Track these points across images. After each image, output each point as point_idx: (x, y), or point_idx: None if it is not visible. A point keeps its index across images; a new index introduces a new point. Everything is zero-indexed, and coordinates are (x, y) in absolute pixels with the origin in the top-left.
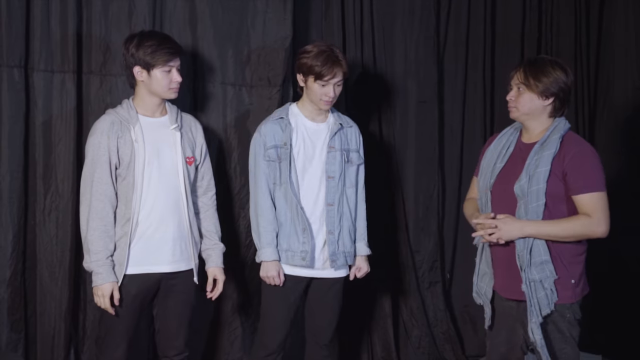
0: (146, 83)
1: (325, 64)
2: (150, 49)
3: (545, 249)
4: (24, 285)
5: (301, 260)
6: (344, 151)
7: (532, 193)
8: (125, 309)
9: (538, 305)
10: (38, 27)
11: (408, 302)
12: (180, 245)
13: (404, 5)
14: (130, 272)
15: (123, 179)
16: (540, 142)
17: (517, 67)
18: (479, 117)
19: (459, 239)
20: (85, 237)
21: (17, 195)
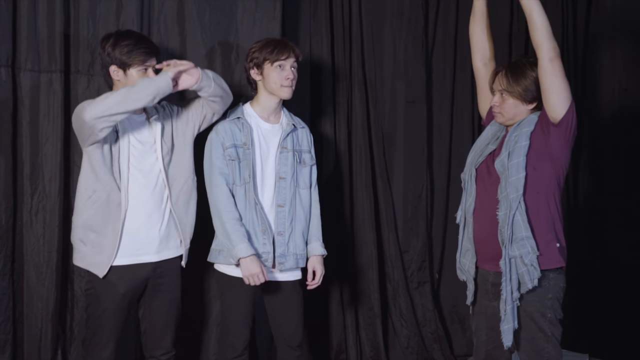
0: (122, 82)
1: (277, 46)
2: (127, 49)
3: (526, 225)
4: (12, 286)
5: (263, 261)
6: (296, 152)
7: (512, 167)
8: (113, 307)
9: (517, 281)
10: (25, 26)
11: (397, 302)
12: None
13: (393, 6)
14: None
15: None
16: (519, 121)
17: (497, 72)
18: (467, 117)
19: (448, 239)
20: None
21: (4, 196)
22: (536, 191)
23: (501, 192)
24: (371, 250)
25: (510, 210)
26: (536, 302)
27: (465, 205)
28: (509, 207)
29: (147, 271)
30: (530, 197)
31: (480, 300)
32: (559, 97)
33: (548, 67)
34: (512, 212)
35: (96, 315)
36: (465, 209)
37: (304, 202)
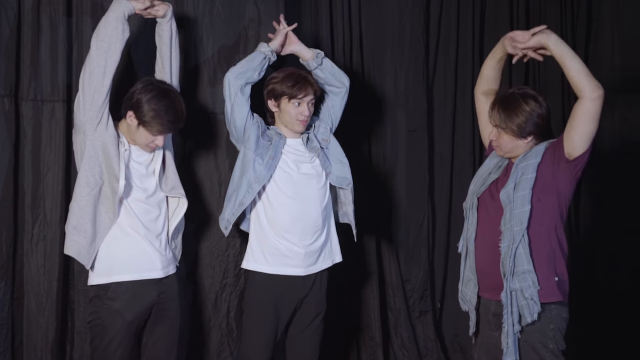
0: (131, 127)
1: (297, 83)
2: (153, 113)
3: (528, 258)
4: (11, 316)
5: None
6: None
7: (517, 199)
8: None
9: (518, 314)
10: (28, 56)
11: (399, 332)
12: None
13: (393, 35)
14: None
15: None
16: (525, 152)
17: (492, 106)
18: (468, 146)
19: (449, 268)
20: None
21: (5, 225)
22: (539, 223)
23: (505, 223)
24: (372, 279)
25: (513, 242)
26: (538, 333)
27: (467, 234)
28: (512, 239)
29: (152, 297)
30: (534, 230)
31: (482, 331)
32: (585, 138)
33: (589, 106)
34: (515, 244)
35: (103, 345)
36: (467, 238)
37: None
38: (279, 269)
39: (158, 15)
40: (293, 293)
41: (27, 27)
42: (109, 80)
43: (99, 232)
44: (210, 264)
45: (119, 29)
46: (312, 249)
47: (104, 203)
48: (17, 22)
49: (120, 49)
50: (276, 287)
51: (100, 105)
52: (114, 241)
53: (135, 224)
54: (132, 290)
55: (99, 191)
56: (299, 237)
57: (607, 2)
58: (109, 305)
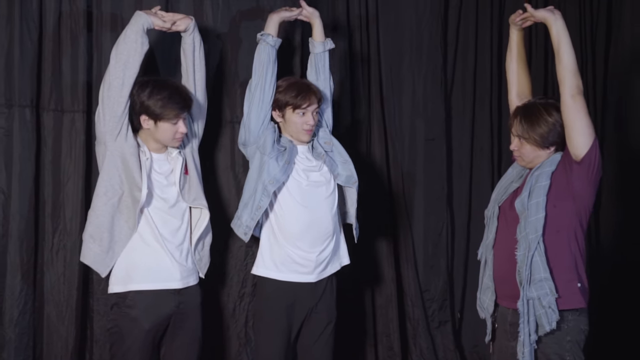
0: (151, 132)
1: (300, 93)
2: (161, 102)
3: (545, 266)
4: (32, 325)
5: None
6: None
7: (531, 206)
8: (138, 345)
9: (535, 323)
10: (49, 67)
11: (417, 342)
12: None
13: (411, 43)
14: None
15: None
16: (542, 162)
17: (513, 116)
18: (486, 154)
19: (469, 278)
20: None
21: (26, 234)
22: (556, 230)
23: (520, 232)
24: (391, 288)
25: (529, 250)
26: (554, 344)
27: (486, 242)
28: (527, 247)
29: (171, 307)
30: (550, 237)
31: (499, 339)
32: (581, 134)
33: (570, 103)
34: (531, 252)
35: (121, 353)
36: (486, 245)
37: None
38: (290, 275)
39: (179, 30)
40: (304, 300)
41: (48, 40)
42: (127, 91)
43: (117, 241)
44: (228, 274)
45: (138, 42)
46: (323, 256)
47: (123, 212)
48: (38, 35)
49: (139, 62)
50: (288, 294)
51: (120, 116)
52: (133, 250)
53: (155, 234)
54: (150, 300)
55: (118, 200)
56: (310, 245)
57: (628, 4)
58: (127, 313)
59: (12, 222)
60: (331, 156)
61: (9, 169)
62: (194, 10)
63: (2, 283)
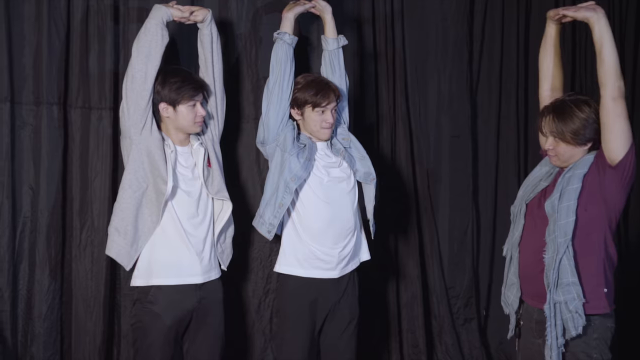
0: (172, 119)
1: (320, 91)
2: (176, 86)
3: (573, 270)
4: (60, 319)
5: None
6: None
7: (562, 209)
8: (160, 341)
9: (562, 327)
10: (77, 65)
11: (443, 339)
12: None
13: (437, 40)
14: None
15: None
16: (574, 163)
17: (544, 114)
18: (512, 151)
19: (495, 275)
20: None
21: (54, 230)
22: (586, 233)
23: (549, 234)
24: (416, 285)
25: (557, 254)
26: (582, 343)
27: (512, 238)
28: (556, 250)
29: (192, 302)
30: (580, 240)
31: (524, 336)
32: (619, 138)
33: (610, 106)
34: (559, 256)
35: (144, 348)
36: (512, 242)
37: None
38: (313, 272)
39: (197, 21)
40: (327, 296)
41: (75, 37)
42: (150, 84)
43: (141, 235)
44: (253, 270)
45: (158, 34)
46: (345, 252)
47: (147, 206)
48: (66, 32)
49: (160, 54)
50: (311, 290)
51: (144, 109)
52: (156, 244)
53: (178, 228)
54: (172, 295)
55: (142, 194)
56: (333, 241)
57: None
58: (149, 308)
59: (40, 217)
60: (349, 152)
61: (37, 166)
62: (219, 7)
63: (32, 278)
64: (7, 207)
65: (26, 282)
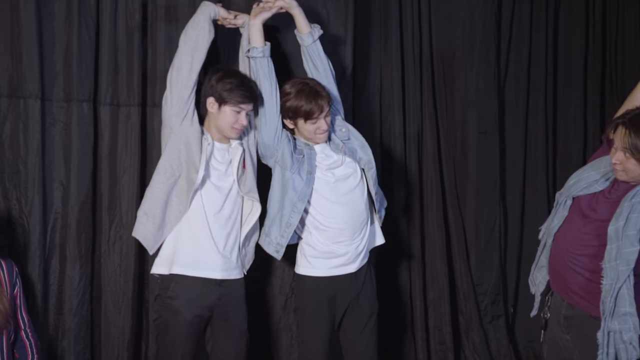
0: (214, 116)
1: (310, 102)
2: (229, 86)
3: (632, 300)
4: (90, 314)
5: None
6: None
7: (627, 238)
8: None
9: (614, 356)
10: (106, 62)
11: (470, 336)
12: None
13: (464, 36)
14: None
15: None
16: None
17: (618, 124)
18: (541, 148)
19: (522, 272)
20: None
21: (84, 226)
22: None
23: (609, 260)
24: (443, 283)
25: (617, 282)
26: None
27: (551, 225)
28: (616, 278)
29: (212, 299)
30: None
31: (551, 329)
32: None
33: None
34: (619, 284)
35: (166, 343)
36: (549, 228)
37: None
38: (332, 270)
39: (238, 25)
40: (345, 292)
41: (105, 35)
42: (195, 76)
43: (168, 222)
44: (280, 267)
45: (206, 29)
46: (362, 244)
47: (177, 194)
48: (96, 30)
49: (206, 48)
50: (328, 287)
51: (186, 100)
52: (181, 234)
53: (204, 222)
54: (191, 290)
55: (174, 182)
56: (351, 237)
57: None
58: (169, 304)
59: (70, 213)
60: (349, 145)
61: (68, 162)
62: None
63: (62, 273)
64: (38, 203)
65: (57, 277)
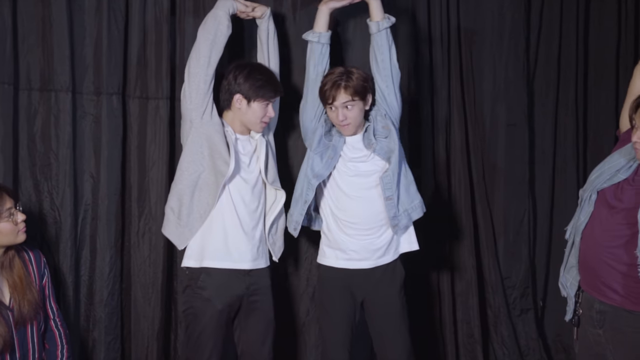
0: (243, 112)
1: (325, 87)
2: (259, 83)
3: None
4: (121, 305)
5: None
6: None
7: None
8: (212, 325)
9: None
10: (135, 55)
11: (498, 329)
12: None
13: (493, 27)
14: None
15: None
16: None
17: (639, 104)
18: (571, 140)
19: (552, 265)
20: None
21: (114, 218)
22: None
23: None
24: (471, 275)
25: None
26: None
27: (577, 222)
28: None
29: (241, 288)
30: None
31: (584, 326)
32: None
33: None
34: None
35: (196, 334)
36: (576, 226)
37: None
38: (344, 262)
39: (256, 16)
40: (359, 286)
41: (133, 28)
42: (212, 70)
43: (196, 217)
44: (308, 258)
45: (224, 24)
46: (378, 243)
47: (204, 189)
48: (125, 24)
49: (223, 43)
50: (341, 278)
51: (205, 94)
52: (211, 227)
53: (233, 214)
54: (221, 280)
55: (199, 177)
56: (363, 233)
57: None
58: (199, 294)
59: (100, 205)
60: (384, 143)
61: (98, 155)
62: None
63: (93, 264)
64: (69, 195)
65: (88, 268)
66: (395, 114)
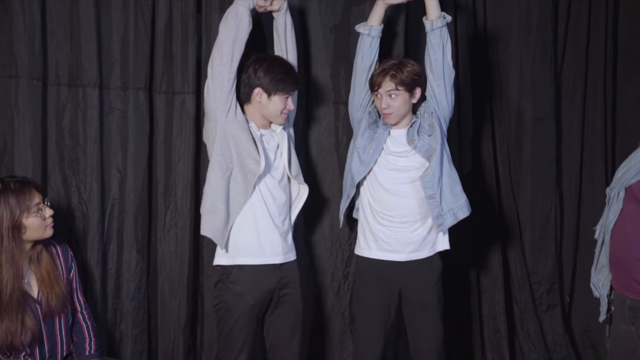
0: (263, 105)
1: (376, 72)
2: (279, 76)
3: None
4: (147, 299)
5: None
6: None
7: None
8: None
9: None
10: (161, 50)
11: (524, 325)
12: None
13: (520, 20)
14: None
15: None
16: None
17: None
18: (599, 134)
19: (579, 261)
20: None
21: (140, 212)
22: None
23: None
24: (497, 271)
25: None
26: None
27: (606, 221)
28: None
29: (273, 282)
30: None
31: (616, 323)
32: None
33: None
34: None
35: (227, 328)
36: (605, 225)
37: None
38: (379, 253)
39: (273, 10)
40: (392, 278)
41: (160, 23)
42: (235, 67)
43: (231, 215)
44: (333, 253)
45: (245, 20)
46: (412, 238)
47: (235, 187)
48: (151, 19)
49: (245, 39)
50: (376, 269)
51: (229, 91)
52: (242, 224)
53: (264, 209)
54: (253, 275)
55: (230, 175)
56: (396, 226)
57: None
58: (232, 289)
59: (127, 200)
60: (427, 140)
61: (125, 149)
62: None
63: (120, 258)
64: (96, 190)
65: (115, 262)
66: (444, 113)
